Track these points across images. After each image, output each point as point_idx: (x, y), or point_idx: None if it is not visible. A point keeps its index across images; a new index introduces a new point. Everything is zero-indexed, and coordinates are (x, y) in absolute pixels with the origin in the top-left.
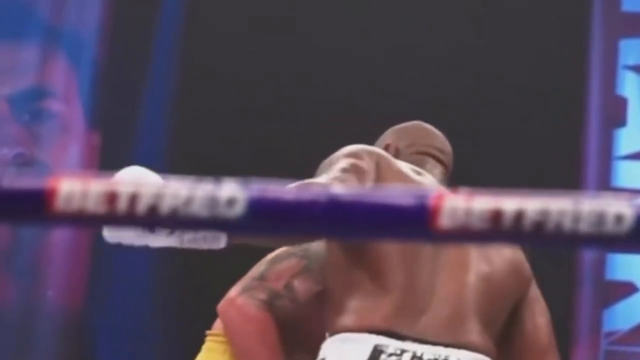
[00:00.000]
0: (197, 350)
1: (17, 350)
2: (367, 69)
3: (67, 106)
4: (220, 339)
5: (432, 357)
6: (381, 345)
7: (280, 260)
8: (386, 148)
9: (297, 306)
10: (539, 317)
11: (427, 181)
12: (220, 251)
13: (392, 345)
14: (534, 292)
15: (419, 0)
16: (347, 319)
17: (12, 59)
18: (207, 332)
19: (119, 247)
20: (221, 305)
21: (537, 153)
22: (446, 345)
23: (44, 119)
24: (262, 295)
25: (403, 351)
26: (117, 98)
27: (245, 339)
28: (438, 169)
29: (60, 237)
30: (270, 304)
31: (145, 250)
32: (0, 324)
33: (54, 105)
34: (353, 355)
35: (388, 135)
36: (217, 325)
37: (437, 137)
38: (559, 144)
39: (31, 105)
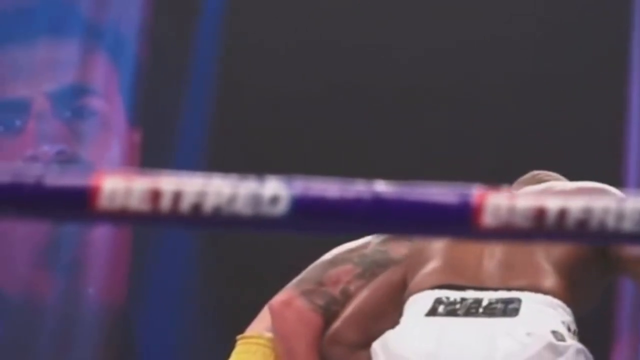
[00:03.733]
0: None
1: (58, 347)
2: (404, 77)
3: (108, 103)
4: (251, 340)
5: (493, 300)
6: (441, 297)
7: (337, 265)
8: None
9: None
10: None
11: None
12: (263, 246)
13: (452, 295)
14: None
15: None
16: (411, 288)
17: (54, 55)
18: (238, 337)
19: (159, 242)
20: (277, 305)
21: (578, 150)
22: (509, 289)
23: (85, 116)
24: (320, 301)
25: (463, 299)
26: (158, 95)
27: (297, 340)
28: None
29: (101, 233)
30: (325, 309)
31: (186, 245)
32: (42, 320)
33: (95, 103)
34: (416, 310)
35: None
36: (250, 329)
37: (556, 179)
38: (600, 140)
39: (72, 102)
